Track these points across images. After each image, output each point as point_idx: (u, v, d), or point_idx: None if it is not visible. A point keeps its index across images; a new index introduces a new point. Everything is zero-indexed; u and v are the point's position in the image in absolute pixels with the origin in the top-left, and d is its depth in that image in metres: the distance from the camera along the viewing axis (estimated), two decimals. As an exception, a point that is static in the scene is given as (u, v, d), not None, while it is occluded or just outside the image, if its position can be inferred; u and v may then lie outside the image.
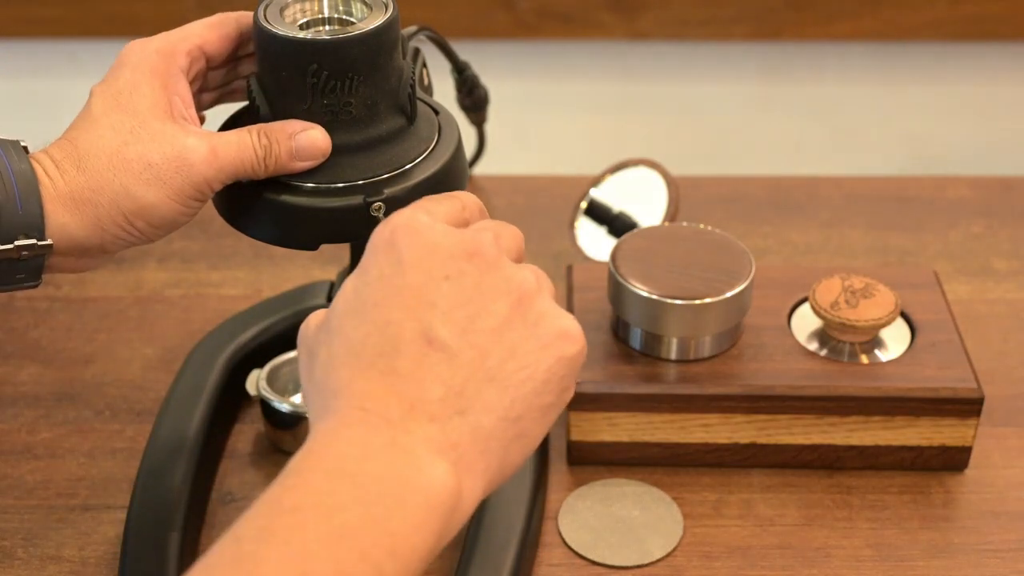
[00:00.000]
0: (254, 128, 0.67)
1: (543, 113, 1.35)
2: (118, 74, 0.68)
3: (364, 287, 0.55)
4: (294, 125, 0.67)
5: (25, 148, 0.66)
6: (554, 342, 0.56)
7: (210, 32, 0.70)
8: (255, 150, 0.67)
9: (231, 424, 0.87)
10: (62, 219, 0.65)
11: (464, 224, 0.59)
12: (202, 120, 0.74)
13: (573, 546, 0.78)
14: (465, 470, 0.53)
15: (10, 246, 0.64)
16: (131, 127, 0.66)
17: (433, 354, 0.54)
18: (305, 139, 0.67)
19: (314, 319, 0.57)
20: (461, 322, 0.55)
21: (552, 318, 0.56)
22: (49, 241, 0.64)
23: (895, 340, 0.84)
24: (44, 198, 0.64)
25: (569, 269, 0.90)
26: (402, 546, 0.50)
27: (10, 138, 0.67)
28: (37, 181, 0.64)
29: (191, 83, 0.70)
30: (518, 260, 0.59)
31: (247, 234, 0.70)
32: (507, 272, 0.56)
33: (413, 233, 0.56)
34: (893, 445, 0.82)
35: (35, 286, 0.66)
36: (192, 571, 0.49)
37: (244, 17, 0.71)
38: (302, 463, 0.52)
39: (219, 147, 0.66)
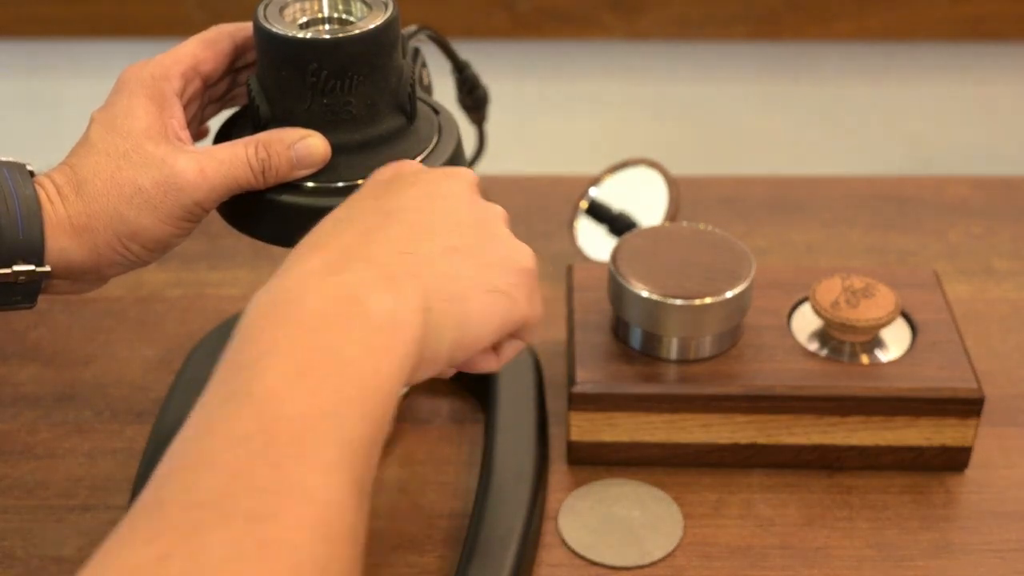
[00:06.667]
0: (250, 141, 0.67)
1: (543, 113, 1.35)
2: (115, 99, 0.68)
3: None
4: (291, 134, 0.67)
5: (31, 172, 0.66)
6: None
7: (204, 51, 0.70)
8: (251, 165, 0.66)
9: (231, 424, 0.87)
10: (62, 244, 0.64)
11: None
12: (205, 133, 0.74)
13: (573, 546, 0.78)
14: (402, 293, 0.55)
15: (8, 271, 0.63)
16: (124, 151, 0.66)
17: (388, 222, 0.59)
18: (304, 148, 0.67)
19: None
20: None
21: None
22: (47, 267, 0.64)
23: (895, 340, 0.84)
24: (46, 224, 0.64)
25: (569, 269, 0.90)
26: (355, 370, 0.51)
27: (16, 161, 0.66)
28: (40, 207, 0.64)
29: (188, 103, 0.70)
30: None
31: (247, 234, 0.70)
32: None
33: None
34: (893, 445, 0.82)
35: (31, 307, 0.66)
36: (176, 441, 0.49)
37: (239, 30, 0.71)
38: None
39: (208, 168, 0.66)
